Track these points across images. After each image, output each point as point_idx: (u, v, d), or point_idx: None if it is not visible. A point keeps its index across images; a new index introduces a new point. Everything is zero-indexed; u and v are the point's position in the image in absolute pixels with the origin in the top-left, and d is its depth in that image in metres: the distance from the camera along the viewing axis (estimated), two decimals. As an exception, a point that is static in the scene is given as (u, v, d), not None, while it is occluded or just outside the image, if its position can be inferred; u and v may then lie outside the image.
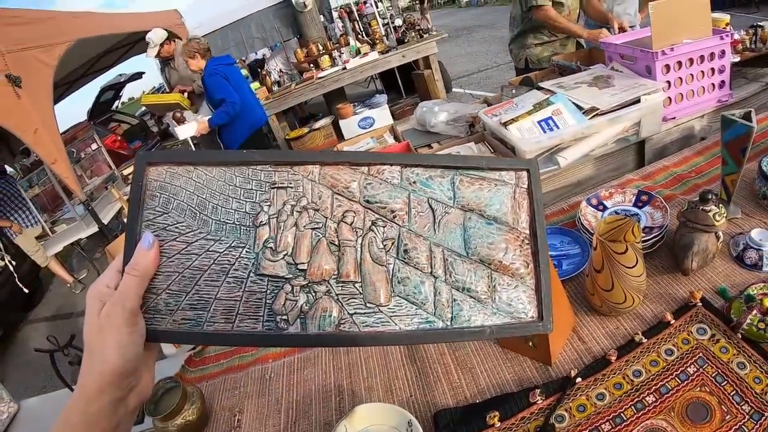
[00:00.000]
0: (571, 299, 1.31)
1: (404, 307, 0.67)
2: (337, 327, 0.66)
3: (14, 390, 4.72)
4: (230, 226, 0.69)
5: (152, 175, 0.70)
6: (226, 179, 0.70)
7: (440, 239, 0.70)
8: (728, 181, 1.41)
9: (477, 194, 0.72)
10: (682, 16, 2.02)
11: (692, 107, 2.16)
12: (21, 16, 3.70)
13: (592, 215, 1.54)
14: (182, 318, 0.65)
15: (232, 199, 0.70)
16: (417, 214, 0.70)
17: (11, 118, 3.51)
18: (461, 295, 0.68)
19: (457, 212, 0.71)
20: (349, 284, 0.67)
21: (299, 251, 0.68)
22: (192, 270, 0.66)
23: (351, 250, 0.68)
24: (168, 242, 0.67)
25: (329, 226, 0.69)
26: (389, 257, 0.69)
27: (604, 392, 1.05)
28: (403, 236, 0.69)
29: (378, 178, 0.71)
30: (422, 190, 0.71)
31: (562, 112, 2.00)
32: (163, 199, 0.69)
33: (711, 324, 1.11)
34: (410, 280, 0.68)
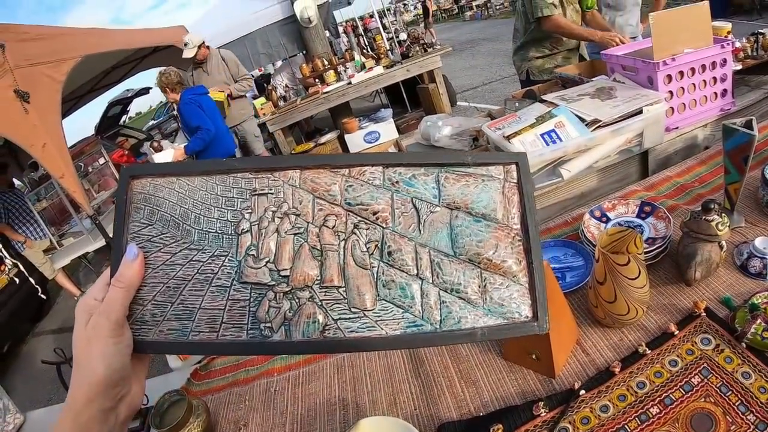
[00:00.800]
0: (575, 311, 1.31)
1: (390, 311, 0.65)
2: (322, 333, 0.64)
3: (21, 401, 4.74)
4: (213, 235, 0.68)
5: (136, 188, 0.70)
6: (207, 188, 0.70)
7: (426, 239, 0.68)
8: (731, 190, 1.41)
9: (463, 191, 0.69)
10: (682, 25, 2.02)
11: (695, 117, 2.16)
12: (29, 32, 3.74)
13: (596, 227, 1.54)
14: (168, 328, 0.64)
15: (213, 208, 0.69)
16: (401, 214, 0.68)
17: (20, 132, 3.54)
18: (450, 297, 0.66)
19: (443, 211, 0.69)
20: (333, 289, 0.66)
21: (281, 257, 0.67)
22: (176, 280, 0.66)
23: (334, 254, 0.67)
24: (153, 253, 0.67)
25: (311, 231, 0.68)
26: (373, 260, 0.67)
27: (608, 404, 1.05)
28: (387, 238, 0.68)
29: (359, 180, 0.70)
30: (405, 190, 0.69)
31: (564, 124, 2.01)
32: (147, 211, 0.69)
33: (715, 334, 1.11)
34: (395, 283, 0.66)
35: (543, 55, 3.52)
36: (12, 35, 3.51)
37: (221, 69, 5.94)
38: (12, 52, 3.45)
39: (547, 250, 1.56)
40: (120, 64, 6.92)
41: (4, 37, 3.41)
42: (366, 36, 9.75)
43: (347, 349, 0.66)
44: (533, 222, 0.68)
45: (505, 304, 0.66)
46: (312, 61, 7.50)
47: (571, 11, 3.35)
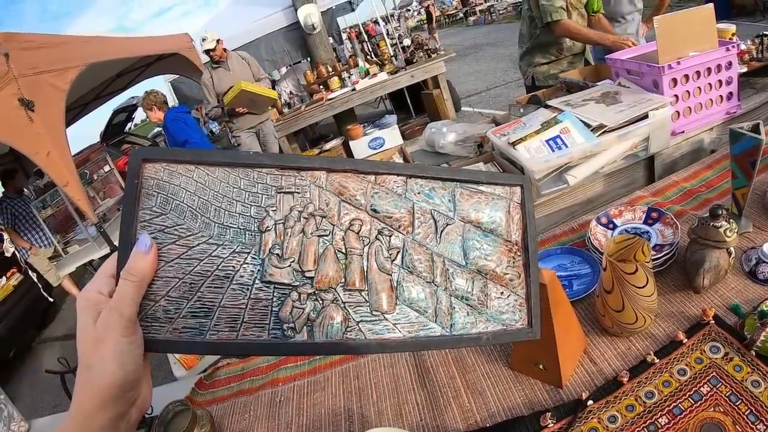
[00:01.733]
0: (582, 320, 1.29)
1: (407, 315, 0.68)
2: (344, 335, 0.66)
3: (27, 408, 4.77)
4: (234, 230, 0.65)
5: (149, 172, 0.64)
6: (230, 181, 0.66)
7: (442, 249, 0.72)
8: (739, 195, 1.39)
9: (475, 207, 0.75)
10: (687, 29, 2.01)
11: (701, 120, 2.15)
12: (33, 41, 3.76)
13: (602, 234, 1.53)
14: (183, 326, 0.61)
15: (236, 202, 0.66)
16: (420, 224, 0.72)
17: (24, 141, 3.56)
18: (459, 303, 0.71)
19: (457, 223, 0.74)
20: (356, 292, 0.67)
21: (306, 258, 0.67)
22: (193, 276, 0.63)
23: (358, 258, 0.68)
24: (167, 245, 0.63)
25: (336, 234, 0.68)
26: (394, 266, 0.69)
27: (616, 414, 1.03)
28: (408, 246, 0.71)
29: (384, 188, 0.71)
30: (425, 201, 0.73)
31: (570, 130, 2.00)
32: (160, 199, 0.64)
33: (724, 342, 1.10)
34: (413, 288, 0.69)
35: (548, 61, 3.52)
36: (16, 44, 3.53)
37: (243, 68, 5.90)
38: (16, 61, 3.47)
39: (554, 258, 1.55)
40: (125, 71, 6.95)
41: (8, 46, 3.42)
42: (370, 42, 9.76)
43: (368, 350, 0.67)
44: (532, 239, 0.76)
45: (504, 313, 0.73)
46: (316, 68, 7.53)
47: (577, 16, 3.34)
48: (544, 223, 2.11)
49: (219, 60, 5.76)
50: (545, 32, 3.37)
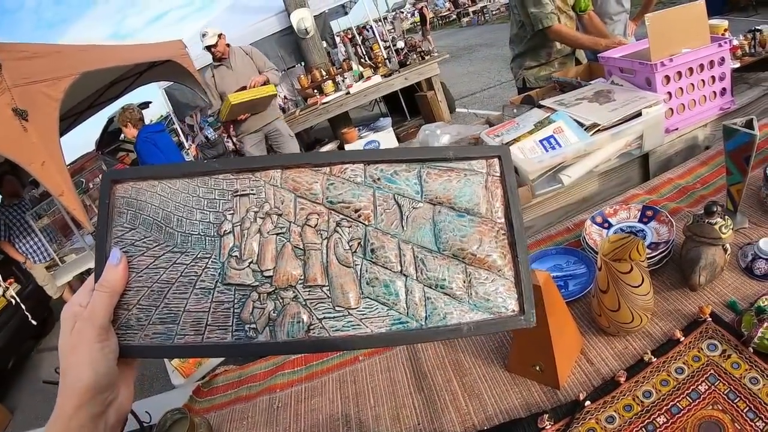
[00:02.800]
0: (579, 320, 1.29)
1: (375, 309, 0.64)
2: (307, 333, 0.63)
3: (26, 417, 4.75)
4: (195, 237, 0.68)
5: (119, 192, 0.70)
6: (189, 191, 0.70)
7: (409, 236, 0.67)
8: (734, 191, 1.39)
9: (445, 186, 0.68)
10: (679, 26, 2.01)
11: (694, 117, 2.15)
12: (26, 50, 3.74)
13: (597, 233, 1.52)
14: (153, 332, 0.64)
15: (195, 210, 0.69)
16: (383, 211, 0.68)
17: (19, 151, 3.53)
18: (435, 293, 0.65)
19: (425, 207, 0.68)
20: (317, 288, 0.65)
21: (264, 258, 0.66)
22: (160, 284, 0.66)
23: (316, 253, 0.66)
24: (137, 257, 0.67)
25: (293, 230, 0.67)
26: (356, 258, 0.66)
27: (614, 415, 1.03)
28: (370, 235, 0.67)
29: (341, 178, 0.69)
30: (387, 187, 0.68)
31: (563, 129, 1.99)
32: (130, 215, 0.69)
33: (722, 339, 1.09)
34: (379, 280, 0.65)
35: (539, 64, 3.52)
36: (9, 54, 3.51)
37: (246, 63, 5.60)
38: (9, 71, 3.45)
39: (549, 258, 1.54)
40: (119, 79, 6.92)
41: (1, 56, 3.41)
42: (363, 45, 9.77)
43: (332, 347, 0.65)
44: (517, 215, 0.67)
45: (490, 299, 0.64)
46: (310, 72, 7.54)
47: (565, 18, 3.34)
48: (539, 223, 2.10)
49: (221, 57, 5.53)
50: (535, 37, 3.38)
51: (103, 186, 0.70)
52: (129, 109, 5.22)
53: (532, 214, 2.10)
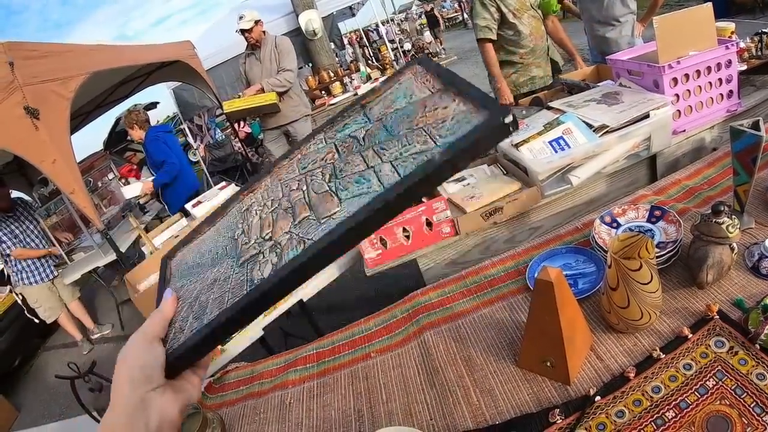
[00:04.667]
0: (588, 318, 1.31)
1: (354, 202, 0.62)
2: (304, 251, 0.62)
3: (34, 417, 4.78)
4: (220, 253, 0.79)
5: (173, 264, 0.89)
6: (215, 232, 0.87)
7: (368, 145, 0.71)
8: (740, 192, 1.41)
9: (384, 103, 0.76)
10: (686, 28, 2.02)
11: (702, 119, 2.16)
12: (37, 49, 3.77)
13: (606, 233, 1.54)
14: (190, 330, 0.67)
15: (218, 238, 0.85)
16: (344, 148, 0.75)
17: (30, 149, 3.57)
18: (402, 158, 0.62)
19: (375, 124, 0.74)
20: (305, 221, 0.68)
21: (263, 228, 0.75)
22: (195, 296, 0.74)
23: (300, 200, 0.72)
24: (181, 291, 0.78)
25: (282, 202, 0.76)
26: (329, 183, 0.70)
27: (624, 409, 1.05)
28: (337, 165, 0.73)
29: (308, 152, 0.82)
30: (342, 135, 0.78)
31: (572, 131, 2.01)
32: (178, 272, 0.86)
33: (729, 336, 1.11)
34: (350, 181, 0.67)
35: (515, 70, 3.58)
36: (21, 53, 3.54)
37: (273, 58, 5.23)
38: (21, 70, 3.48)
39: (559, 257, 1.56)
40: (127, 79, 6.96)
41: (13, 55, 3.43)
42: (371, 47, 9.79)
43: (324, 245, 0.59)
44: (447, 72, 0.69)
45: (456, 130, 0.58)
46: (318, 73, 7.55)
47: (528, 18, 3.41)
48: (548, 223, 2.12)
49: (254, 45, 5.22)
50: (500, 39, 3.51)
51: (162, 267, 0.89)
52: (135, 111, 5.21)
53: (541, 215, 2.12)
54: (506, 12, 3.35)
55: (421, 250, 2.10)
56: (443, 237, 2.08)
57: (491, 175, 2.31)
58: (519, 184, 2.11)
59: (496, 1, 3.33)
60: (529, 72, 3.57)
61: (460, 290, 1.63)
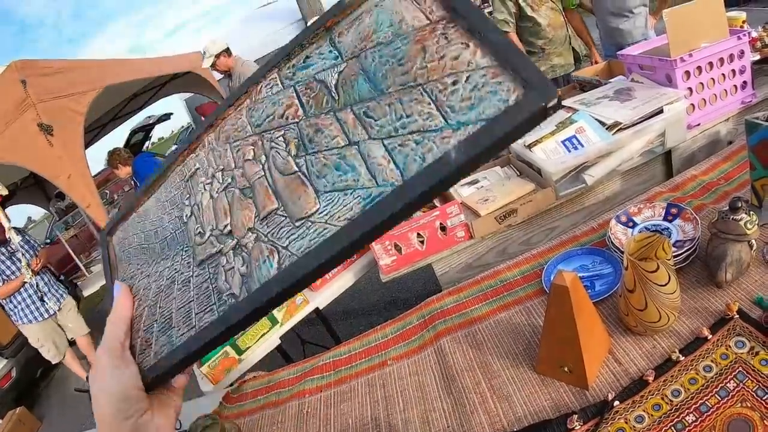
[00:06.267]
0: (606, 320, 1.29)
1: (338, 201, 0.49)
2: (279, 269, 0.51)
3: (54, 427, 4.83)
4: (170, 239, 0.67)
5: (115, 240, 0.75)
6: (154, 203, 0.72)
7: (344, 101, 0.53)
8: (758, 186, 1.38)
9: (359, 30, 0.54)
10: (697, 20, 2.00)
11: (716, 112, 2.13)
12: (50, 66, 3.84)
13: (622, 233, 1.52)
14: (160, 346, 0.60)
15: (164, 215, 0.70)
16: (309, 99, 0.56)
17: (45, 165, 3.63)
18: (398, 139, 0.46)
19: (350, 63, 0.54)
20: (272, 215, 0.55)
21: (219, 217, 0.61)
22: (153, 297, 0.65)
23: (261, 180, 0.58)
24: (135, 285, 0.68)
25: (236, 176, 0.61)
26: (298, 159, 0.54)
27: (643, 414, 1.03)
28: (303, 128, 0.55)
29: (259, 98, 0.62)
30: (305, 75, 0.57)
31: (585, 129, 1.99)
32: (125, 254, 0.73)
33: (749, 336, 1.09)
34: (328, 166, 0.51)
35: (536, 59, 3.61)
36: (33, 71, 3.61)
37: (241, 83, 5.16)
38: (34, 87, 3.55)
39: (575, 259, 1.54)
40: (140, 91, 7.04)
41: (26, 73, 3.50)
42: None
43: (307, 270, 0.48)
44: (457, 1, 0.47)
45: (475, 103, 0.42)
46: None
47: (546, 9, 3.47)
48: (563, 224, 2.10)
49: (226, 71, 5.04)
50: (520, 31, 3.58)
51: (102, 245, 0.75)
52: (115, 152, 5.16)
53: (556, 215, 2.10)
54: (524, 6, 3.45)
55: (435, 255, 2.09)
56: (457, 241, 2.07)
57: (505, 176, 2.29)
58: (533, 185, 2.10)
59: None
60: (550, 60, 3.63)
61: (476, 295, 1.61)
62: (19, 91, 3.45)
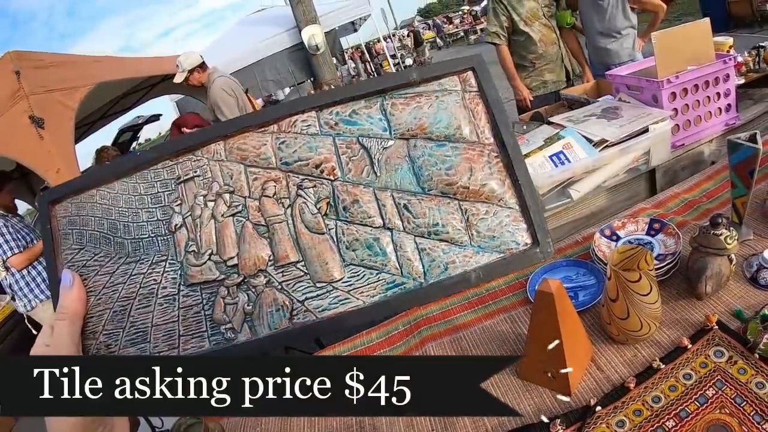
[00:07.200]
0: (589, 329, 1.32)
1: (362, 276, 0.54)
2: (291, 320, 0.55)
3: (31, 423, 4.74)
4: (146, 240, 0.60)
5: (59, 212, 0.63)
6: (129, 191, 0.62)
7: (385, 182, 0.56)
8: (738, 204, 1.42)
9: (416, 114, 0.57)
10: (684, 43, 2.05)
11: (700, 133, 2.18)
12: (44, 59, 3.80)
13: (606, 246, 1.56)
14: None
15: (140, 210, 0.61)
16: (349, 160, 0.57)
17: (35, 158, 3.58)
18: (429, 242, 0.54)
19: (397, 143, 0.57)
20: (290, 267, 0.56)
21: (224, 245, 0.58)
22: (121, 302, 0.59)
23: (281, 226, 0.57)
24: (92, 279, 0.60)
25: (250, 206, 0.58)
26: (328, 221, 0.56)
27: (624, 419, 1.06)
28: (339, 191, 0.56)
29: (292, 133, 0.59)
30: (348, 130, 0.58)
31: (572, 145, 2.03)
32: (75, 235, 0.62)
33: (728, 346, 1.12)
34: (360, 241, 0.55)
35: (527, 74, 3.69)
36: (27, 62, 3.57)
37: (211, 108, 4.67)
38: (27, 79, 3.51)
39: (559, 270, 1.57)
40: (131, 91, 7.00)
41: (20, 64, 3.46)
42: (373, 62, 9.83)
43: (324, 331, 0.55)
44: (508, 131, 0.57)
45: (496, 236, 0.54)
46: (320, 88, 7.59)
47: (539, 26, 3.53)
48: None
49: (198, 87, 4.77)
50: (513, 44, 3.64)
51: (41, 210, 0.63)
52: (104, 149, 5.02)
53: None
54: (517, 20, 3.51)
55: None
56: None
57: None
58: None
59: (508, 11, 3.50)
60: (542, 76, 3.69)
61: (461, 303, 1.63)
62: (12, 82, 3.41)
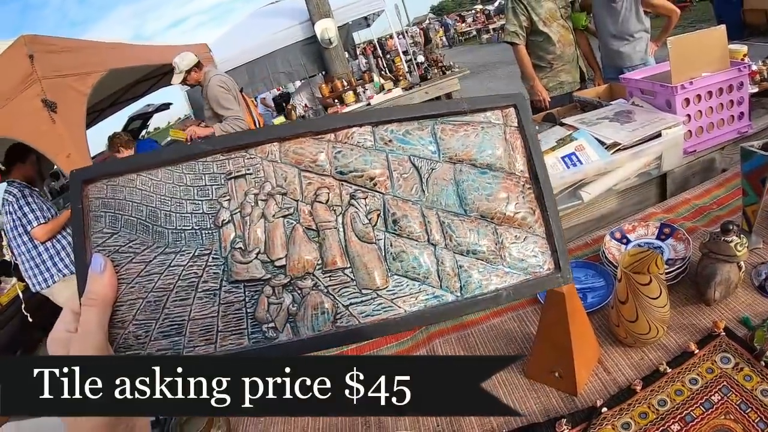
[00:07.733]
0: (597, 331, 1.32)
1: (406, 286, 0.58)
2: (334, 323, 0.57)
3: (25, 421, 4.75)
4: (189, 232, 0.60)
5: (92, 193, 0.60)
6: (174, 180, 0.61)
7: (432, 201, 0.61)
8: (749, 212, 1.43)
9: (464, 142, 0.63)
10: (699, 50, 2.05)
11: (712, 140, 2.18)
12: (57, 44, 3.80)
13: (616, 248, 1.56)
14: (157, 349, 0.56)
15: (185, 201, 0.61)
16: (400, 176, 0.61)
17: (46, 141, 3.59)
18: (467, 260, 0.59)
19: (445, 166, 0.62)
20: (338, 272, 0.58)
21: (273, 246, 0.59)
22: (156, 292, 0.58)
23: (332, 232, 0.59)
24: (124, 266, 0.58)
25: (302, 210, 0.60)
26: (378, 232, 0.59)
27: (630, 421, 1.06)
28: (389, 204, 0.60)
29: (348, 144, 0.62)
30: (401, 148, 0.62)
31: (584, 147, 2.03)
32: (109, 218, 0.60)
33: (735, 353, 1.13)
34: (406, 253, 0.59)
35: (544, 74, 3.71)
36: (40, 46, 3.58)
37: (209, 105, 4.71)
38: (40, 63, 3.51)
39: (568, 271, 1.58)
40: (142, 79, 7.02)
41: (33, 48, 3.47)
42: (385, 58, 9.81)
43: (366, 336, 0.58)
44: (541, 166, 0.63)
45: (525, 259, 0.61)
46: (331, 82, 7.58)
47: (557, 26, 3.55)
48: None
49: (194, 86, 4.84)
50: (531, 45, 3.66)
51: (73, 188, 0.60)
52: (117, 135, 5.05)
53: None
54: (537, 20, 3.53)
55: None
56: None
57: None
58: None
59: (527, 10, 3.52)
60: (558, 77, 3.71)
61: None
62: (25, 65, 3.42)
